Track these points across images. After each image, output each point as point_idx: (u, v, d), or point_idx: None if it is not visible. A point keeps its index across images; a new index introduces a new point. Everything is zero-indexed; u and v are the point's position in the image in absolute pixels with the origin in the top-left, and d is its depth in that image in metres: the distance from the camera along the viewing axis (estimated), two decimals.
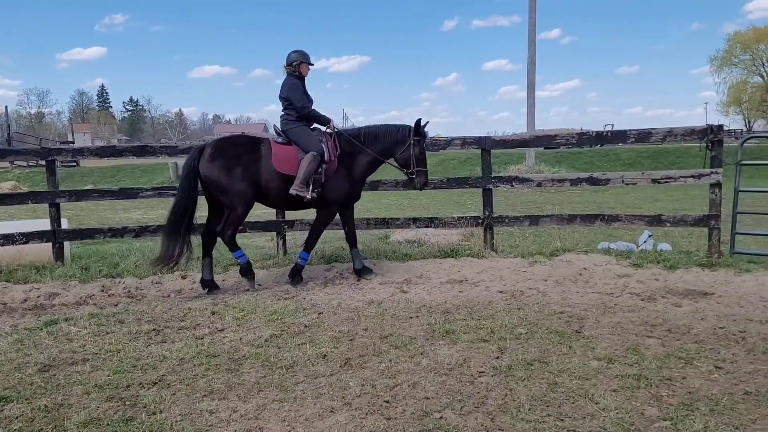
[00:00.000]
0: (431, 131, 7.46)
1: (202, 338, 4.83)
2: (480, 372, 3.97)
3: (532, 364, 4.07)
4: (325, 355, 4.36)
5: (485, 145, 7.97)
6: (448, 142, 8.06)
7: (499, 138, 8.79)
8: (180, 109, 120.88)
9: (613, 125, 58.28)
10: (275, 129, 6.79)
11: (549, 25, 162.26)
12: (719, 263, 6.88)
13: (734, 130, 56.87)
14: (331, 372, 4.04)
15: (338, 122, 7.08)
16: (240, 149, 6.39)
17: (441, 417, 3.33)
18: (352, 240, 6.99)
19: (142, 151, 8.29)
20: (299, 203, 6.56)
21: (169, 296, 6.36)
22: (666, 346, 4.39)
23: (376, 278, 6.77)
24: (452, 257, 7.72)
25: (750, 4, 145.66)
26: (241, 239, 9.05)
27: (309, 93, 6.72)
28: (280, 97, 6.66)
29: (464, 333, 4.76)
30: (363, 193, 7.16)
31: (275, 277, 6.85)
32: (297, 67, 6.64)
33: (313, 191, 6.36)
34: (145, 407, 3.56)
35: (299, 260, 6.74)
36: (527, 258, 7.50)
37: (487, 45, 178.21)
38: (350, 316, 5.36)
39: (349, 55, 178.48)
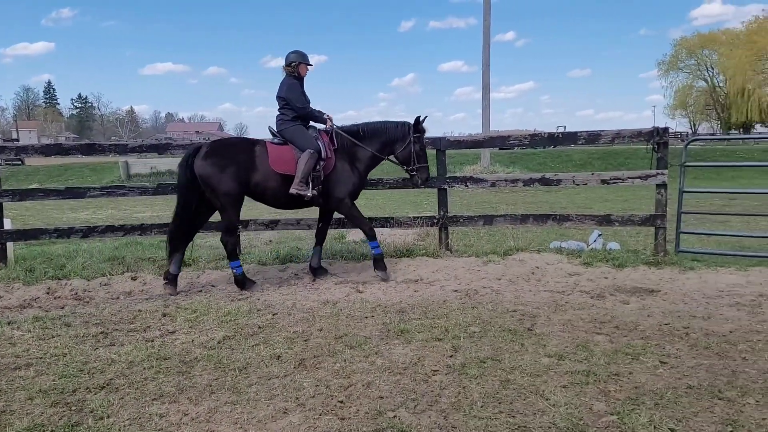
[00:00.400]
0: None
1: (152, 341, 4.73)
2: (434, 370, 4.00)
3: (485, 362, 4.12)
4: (279, 356, 4.33)
5: (440, 145, 8.02)
6: None
7: (454, 139, 8.84)
8: (131, 107, 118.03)
9: (565, 127, 59.68)
10: (270, 130, 6.79)
11: (504, 28, 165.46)
12: (665, 261, 7.10)
13: (680, 132, 58.91)
14: (285, 373, 4.01)
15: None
16: (234, 150, 6.38)
17: (395, 416, 3.34)
18: (321, 237, 7.02)
19: (90, 149, 8.04)
20: (301, 202, 6.55)
21: (118, 298, 6.20)
22: (614, 343, 4.50)
23: (332, 278, 6.75)
24: (408, 257, 7.75)
25: (695, 11, 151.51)
26: (194, 239, 8.92)
27: (306, 93, 6.76)
28: (278, 97, 6.68)
29: (419, 332, 4.79)
30: None
31: (228, 277, 6.75)
32: (296, 67, 6.67)
33: (313, 189, 6.38)
34: (91, 412, 3.46)
35: (373, 251, 6.74)
36: (481, 257, 7.59)
37: (444, 46, 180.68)
38: (305, 317, 5.33)
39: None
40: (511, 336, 4.67)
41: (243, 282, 6.40)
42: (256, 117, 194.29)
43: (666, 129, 7.51)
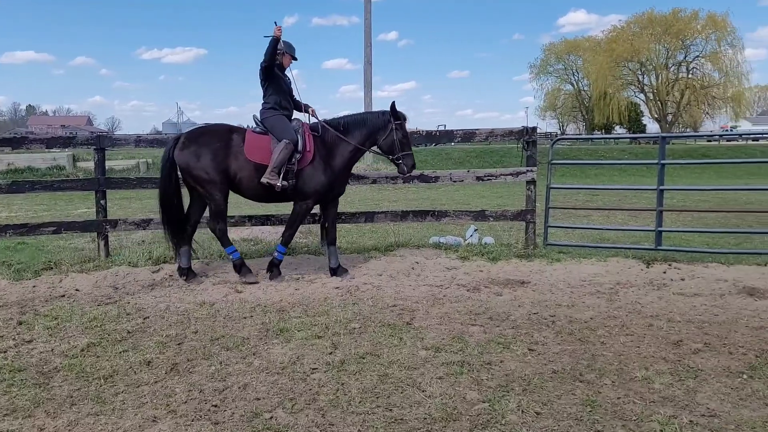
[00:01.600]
0: None
1: (5, 351, 4.33)
2: (313, 369, 3.97)
3: (364, 358, 4.14)
4: (149, 361, 4.11)
5: None
6: None
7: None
8: None
9: (445, 125, 61.40)
10: (254, 118, 6.63)
11: (387, 28, 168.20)
12: (535, 254, 7.50)
13: (549, 132, 62.57)
14: (155, 379, 3.82)
15: (173, 117, 6.78)
16: (211, 137, 6.35)
17: (271, 417, 3.28)
18: (330, 237, 6.82)
19: None
20: (275, 194, 6.34)
21: None
22: (487, 333, 4.69)
23: (209, 278, 6.52)
24: (289, 255, 7.63)
25: (563, 18, 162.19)
26: (57, 240, 8.30)
27: (290, 85, 6.71)
28: (261, 85, 6.58)
29: (299, 330, 4.74)
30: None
31: (96, 280, 6.33)
32: (280, 56, 6.49)
33: (283, 180, 6.20)
34: None
35: (276, 254, 6.53)
36: (363, 254, 7.65)
37: (327, 43, 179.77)
38: (179, 319, 5.10)
39: (184, 47, 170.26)
40: (390, 331, 4.74)
41: (241, 267, 6.32)
42: (130, 110, 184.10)
43: (534, 128, 7.95)
